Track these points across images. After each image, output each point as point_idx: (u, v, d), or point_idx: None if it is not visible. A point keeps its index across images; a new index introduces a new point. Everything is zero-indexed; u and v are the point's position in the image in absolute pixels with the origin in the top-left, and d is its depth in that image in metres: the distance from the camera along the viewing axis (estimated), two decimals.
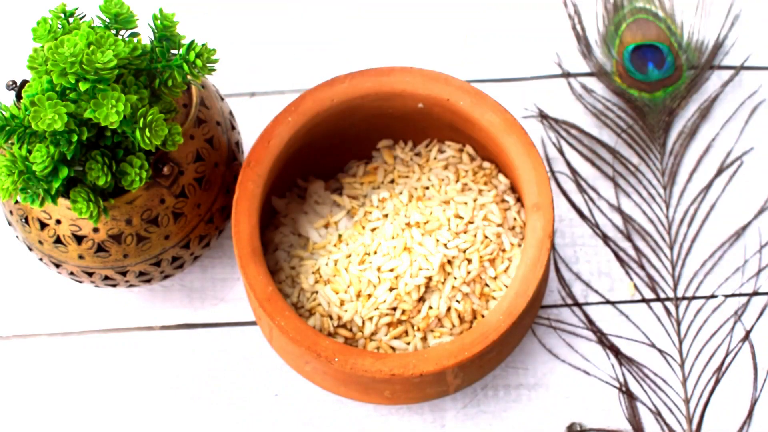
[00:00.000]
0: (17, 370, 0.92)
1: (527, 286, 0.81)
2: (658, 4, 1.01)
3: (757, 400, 0.89)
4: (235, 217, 0.83)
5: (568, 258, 0.94)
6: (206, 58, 0.78)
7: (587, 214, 0.95)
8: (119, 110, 0.74)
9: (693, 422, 0.89)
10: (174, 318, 0.93)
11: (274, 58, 1.01)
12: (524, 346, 0.91)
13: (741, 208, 0.95)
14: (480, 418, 0.89)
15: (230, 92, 1.00)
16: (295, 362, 0.85)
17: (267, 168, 0.85)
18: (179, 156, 0.83)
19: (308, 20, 1.03)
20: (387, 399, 0.84)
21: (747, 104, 0.98)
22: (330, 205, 0.89)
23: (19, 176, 0.75)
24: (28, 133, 0.76)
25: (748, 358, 0.90)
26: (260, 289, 0.81)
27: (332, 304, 0.85)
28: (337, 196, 0.89)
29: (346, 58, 1.01)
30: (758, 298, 0.92)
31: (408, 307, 0.83)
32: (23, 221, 0.84)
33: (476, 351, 0.79)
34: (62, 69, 0.73)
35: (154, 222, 0.83)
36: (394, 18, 1.02)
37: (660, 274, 0.93)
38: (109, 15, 0.78)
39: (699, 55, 0.99)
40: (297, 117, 0.86)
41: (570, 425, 0.89)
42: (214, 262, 0.94)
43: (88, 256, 0.83)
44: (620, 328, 0.92)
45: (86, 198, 0.78)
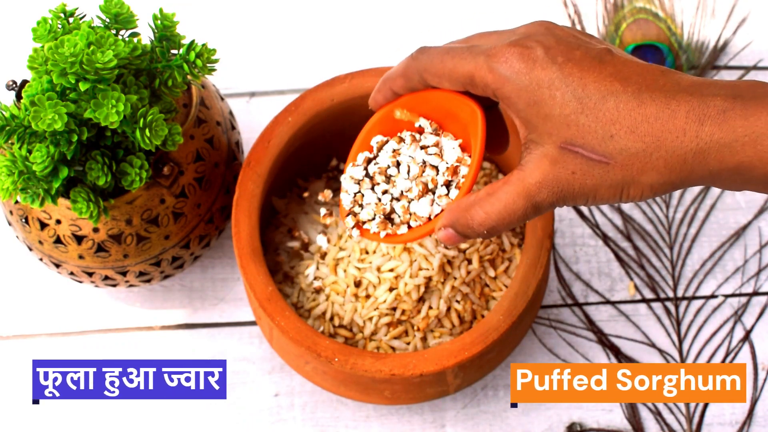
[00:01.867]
0: (17, 370, 0.92)
1: (527, 286, 0.81)
2: (658, 4, 1.01)
3: (757, 400, 0.89)
4: (235, 217, 0.83)
5: (568, 258, 0.94)
6: (206, 58, 0.78)
7: (587, 214, 0.95)
8: (119, 110, 0.74)
9: (693, 422, 0.89)
10: (174, 318, 0.93)
11: (274, 58, 1.01)
12: (524, 346, 0.91)
13: (741, 208, 0.95)
14: (480, 418, 0.89)
15: (230, 92, 1.00)
16: (295, 362, 0.85)
17: (267, 168, 0.85)
18: (179, 156, 0.83)
19: (308, 20, 1.03)
20: (387, 399, 0.84)
21: None
22: (330, 205, 0.89)
23: (19, 176, 0.75)
24: (28, 133, 0.76)
25: (748, 358, 0.90)
26: (260, 289, 0.81)
27: (332, 304, 0.85)
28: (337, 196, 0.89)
29: (346, 58, 1.01)
30: (758, 298, 0.92)
31: (408, 307, 0.83)
32: (23, 221, 0.84)
33: (476, 351, 0.79)
34: (62, 69, 0.73)
35: (154, 222, 0.83)
36: (395, 18, 1.02)
37: (660, 274, 0.93)
38: (109, 15, 0.78)
39: (699, 55, 0.99)
40: (297, 117, 0.86)
41: (570, 425, 0.89)
42: (214, 262, 0.94)
43: (88, 256, 0.83)
44: (620, 328, 0.92)
45: (86, 198, 0.78)
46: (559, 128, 0.63)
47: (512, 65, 0.63)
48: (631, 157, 0.62)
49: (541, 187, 0.64)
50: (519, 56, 0.63)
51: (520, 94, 0.63)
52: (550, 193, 0.64)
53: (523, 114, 0.64)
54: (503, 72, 0.63)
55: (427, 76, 0.68)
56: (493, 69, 0.64)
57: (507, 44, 0.64)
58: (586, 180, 0.63)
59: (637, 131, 0.61)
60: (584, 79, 0.62)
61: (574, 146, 0.62)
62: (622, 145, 0.61)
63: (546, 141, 0.63)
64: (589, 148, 0.62)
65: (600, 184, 0.63)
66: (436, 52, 0.67)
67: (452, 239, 0.68)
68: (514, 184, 0.64)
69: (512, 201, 0.64)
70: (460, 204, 0.67)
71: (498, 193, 0.65)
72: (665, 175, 0.62)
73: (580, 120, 0.62)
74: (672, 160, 0.61)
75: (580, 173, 0.63)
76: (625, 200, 0.63)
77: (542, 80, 0.62)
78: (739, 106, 0.60)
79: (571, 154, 0.63)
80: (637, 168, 0.62)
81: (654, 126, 0.61)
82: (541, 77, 0.63)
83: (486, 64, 0.64)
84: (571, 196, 0.64)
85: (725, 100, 0.60)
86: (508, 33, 0.66)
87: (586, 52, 0.63)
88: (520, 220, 0.65)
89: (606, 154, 0.62)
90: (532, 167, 0.64)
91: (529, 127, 0.64)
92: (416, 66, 0.68)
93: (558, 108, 0.62)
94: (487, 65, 0.64)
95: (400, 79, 0.70)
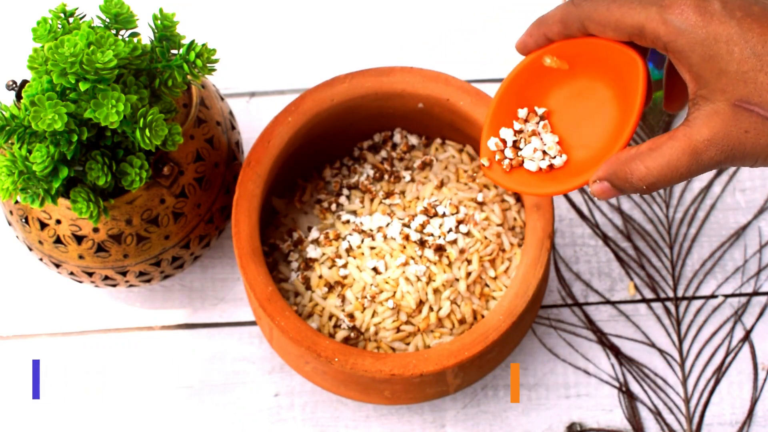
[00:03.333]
0: (17, 370, 0.92)
1: (527, 286, 0.81)
2: None
3: (757, 400, 0.89)
4: (235, 217, 0.83)
5: (568, 258, 0.94)
6: (206, 58, 0.78)
7: (587, 214, 0.95)
8: (119, 110, 0.74)
9: (693, 422, 0.89)
10: (174, 318, 0.93)
11: (274, 58, 1.01)
12: (524, 346, 0.91)
13: (741, 208, 0.95)
14: (480, 418, 0.89)
15: (230, 92, 1.00)
16: (295, 362, 0.85)
17: (267, 168, 0.85)
18: (179, 156, 0.83)
19: (308, 20, 1.03)
20: (387, 399, 0.84)
21: None
22: (328, 202, 0.89)
23: (19, 176, 0.75)
24: (28, 133, 0.76)
25: (748, 358, 0.90)
26: (260, 289, 0.81)
27: (332, 305, 0.85)
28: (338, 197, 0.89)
29: (346, 58, 1.01)
30: (758, 298, 0.92)
31: (408, 308, 0.83)
32: (23, 221, 0.84)
33: (476, 351, 0.79)
34: (62, 69, 0.73)
35: (154, 222, 0.83)
36: (395, 18, 1.02)
37: (660, 274, 0.93)
38: (109, 15, 0.78)
39: None
40: (297, 117, 0.86)
41: (570, 425, 0.89)
42: (214, 262, 0.94)
43: (88, 256, 0.83)
44: (620, 328, 0.92)
45: (86, 198, 0.78)
46: (735, 85, 0.61)
47: (688, 17, 0.61)
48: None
49: (710, 144, 0.62)
50: (695, 9, 0.61)
51: (695, 47, 0.62)
52: (719, 151, 0.62)
53: (696, 69, 0.62)
54: (678, 24, 0.62)
55: (590, 24, 0.66)
56: (667, 21, 0.62)
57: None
58: (759, 139, 0.61)
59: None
60: (765, 35, 0.61)
61: (750, 104, 0.61)
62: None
63: (718, 98, 0.62)
64: (766, 107, 0.61)
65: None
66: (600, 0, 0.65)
67: (607, 193, 0.66)
68: (680, 139, 0.63)
69: (677, 157, 0.63)
70: (619, 157, 0.66)
71: (662, 148, 0.63)
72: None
73: (759, 78, 0.61)
74: None
75: (754, 132, 0.61)
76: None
77: (720, 35, 0.61)
78: None
79: (746, 112, 0.61)
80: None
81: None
82: (719, 31, 0.61)
83: (659, 15, 0.62)
84: (741, 156, 0.62)
85: None
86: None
87: (764, 7, 0.61)
88: (682, 178, 0.63)
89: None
90: (701, 123, 0.62)
91: (701, 83, 0.62)
92: (578, 13, 0.66)
93: (735, 64, 0.61)
94: (660, 16, 0.62)
95: (558, 25, 0.68)
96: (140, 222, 0.82)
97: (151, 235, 0.83)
